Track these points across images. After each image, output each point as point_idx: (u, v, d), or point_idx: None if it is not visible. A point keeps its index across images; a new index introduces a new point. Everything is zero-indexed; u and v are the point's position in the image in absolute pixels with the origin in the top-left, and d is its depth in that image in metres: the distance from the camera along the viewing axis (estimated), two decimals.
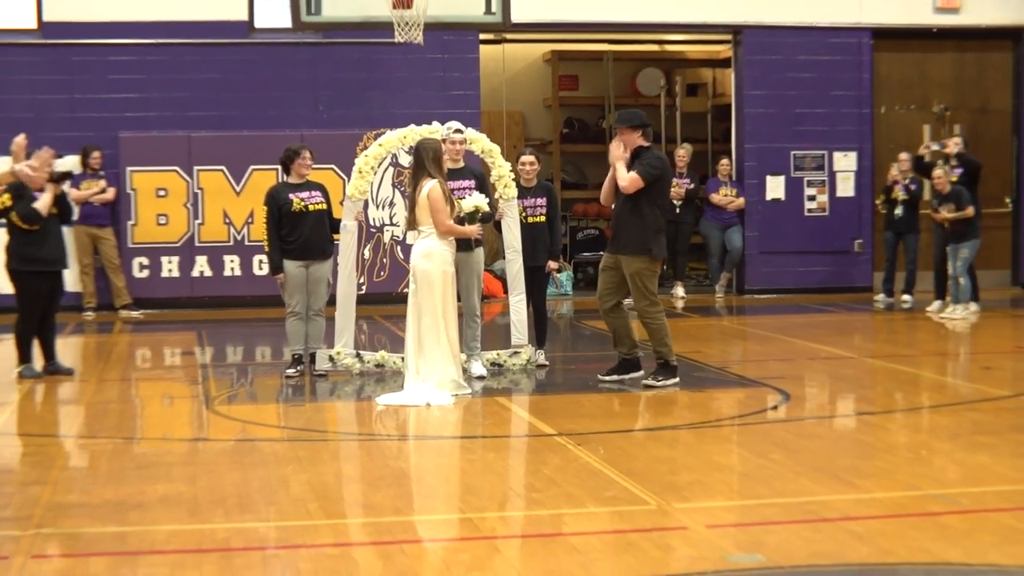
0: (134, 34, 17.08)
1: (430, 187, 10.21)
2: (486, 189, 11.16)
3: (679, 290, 17.89)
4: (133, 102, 17.02)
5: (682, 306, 17.26)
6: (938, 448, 8.59)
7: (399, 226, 16.78)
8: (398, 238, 16.93)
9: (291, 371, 11.44)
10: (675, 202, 17.42)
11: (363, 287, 15.16)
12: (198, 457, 8.61)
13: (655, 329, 10.62)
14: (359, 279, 13.33)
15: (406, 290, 10.80)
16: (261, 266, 16.52)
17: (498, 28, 15.83)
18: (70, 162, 15.32)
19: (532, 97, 21.28)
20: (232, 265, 17.10)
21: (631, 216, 10.56)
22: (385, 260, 17.16)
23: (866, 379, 11.70)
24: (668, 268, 17.48)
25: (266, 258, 11.93)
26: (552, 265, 11.88)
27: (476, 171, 11.51)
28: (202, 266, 17.07)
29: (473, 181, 11.18)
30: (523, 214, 11.67)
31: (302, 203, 11.38)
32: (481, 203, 10.55)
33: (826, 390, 11.23)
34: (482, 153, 11.71)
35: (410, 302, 10.38)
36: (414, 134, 11.37)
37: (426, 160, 10.28)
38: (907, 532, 6.38)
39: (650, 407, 10.17)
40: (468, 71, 17.68)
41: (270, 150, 14.90)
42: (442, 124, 11.43)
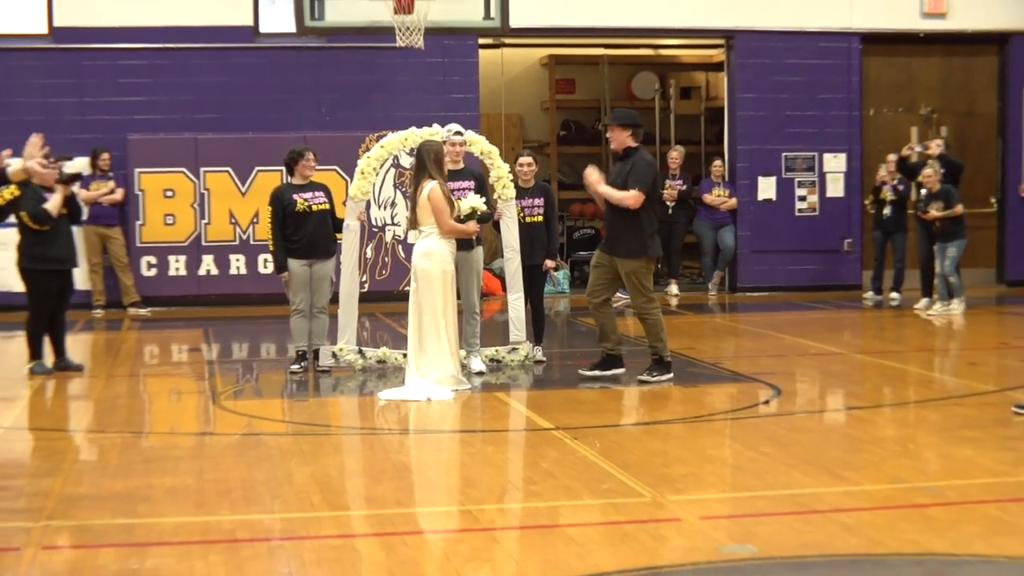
0: (142, 39, 17.14)
1: (431, 188, 10.29)
2: (485, 190, 11.21)
3: (673, 288, 17.94)
4: (141, 105, 17.09)
5: (676, 303, 17.29)
6: (925, 441, 8.63)
7: (400, 226, 16.82)
8: (399, 237, 16.98)
9: (295, 367, 11.48)
10: (668, 203, 17.61)
11: (365, 285, 15.30)
12: (205, 451, 8.66)
13: (651, 325, 10.68)
14: (361, 277, 13.44)
15: (407, 288, 10.87)
16: (266, 265, 16.58)
17: (497, 33, 15.71)
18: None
19: (530, 100, 21.28)
20: (238, 264, 17.20)
21: (625, 220, 10.58)
22: (387, 259, 17.21)
23: (855, 374, 11.72)
24: (663, 267, 17.49)
25: (271, 257, 11.97)
26: (549, 264, 11.96)
27: (476, 172, 11.58)
28: (208, 265, 17.16)
29: (473, 182, 11.23)
30: (521, 214, 11.75)
31: (306, 203, 11.41)
32: (478, 204, 10.56)
33: (816, 385, 11.23)
34: (481, 155, 11.79)
35: (411, 300, 10.46)
36: (415, 136, 11.43)
37: (427, 162, 10.36)
38: (895, 523, 6.41)
39: (645, 402, 10.21)
40: (468, 75, 17.72)
41: (275, 152, 14.87)
42: (442, 126, 11.49)
